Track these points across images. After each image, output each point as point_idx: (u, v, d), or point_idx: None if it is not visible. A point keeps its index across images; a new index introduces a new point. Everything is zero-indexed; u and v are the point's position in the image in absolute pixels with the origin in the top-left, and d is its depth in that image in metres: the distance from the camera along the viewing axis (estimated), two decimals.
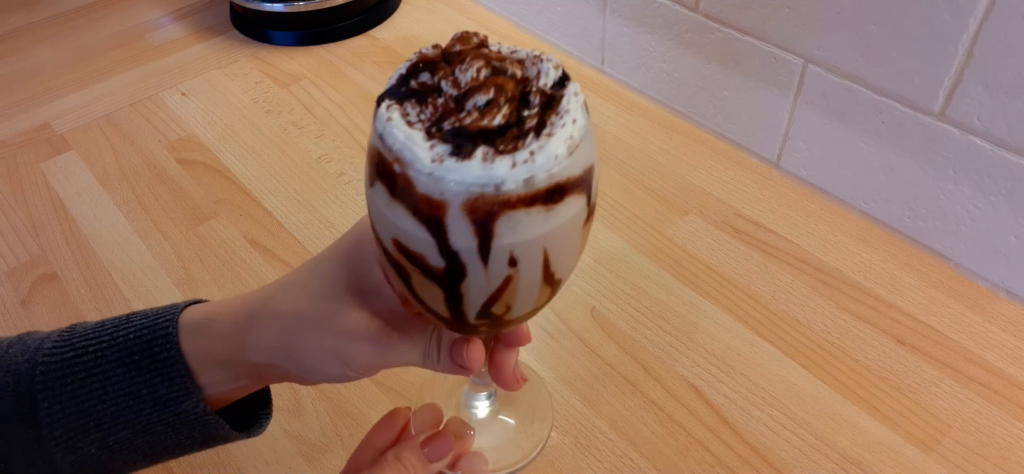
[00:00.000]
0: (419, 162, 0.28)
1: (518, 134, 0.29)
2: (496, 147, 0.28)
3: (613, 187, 0.68)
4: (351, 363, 0.35)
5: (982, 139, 0.53)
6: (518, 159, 0.28)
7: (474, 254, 0.29)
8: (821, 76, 0.61)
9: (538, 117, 0.29)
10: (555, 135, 0.29)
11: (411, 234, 0.29)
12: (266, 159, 0.72)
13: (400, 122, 0.29)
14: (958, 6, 0.50)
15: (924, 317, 0.56)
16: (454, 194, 0.28)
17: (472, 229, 0.28)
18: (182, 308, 0.37)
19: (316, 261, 0.37)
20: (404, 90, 0.30)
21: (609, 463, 0.48)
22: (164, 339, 0.36)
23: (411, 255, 0.30)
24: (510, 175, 0.28)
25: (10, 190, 0.70)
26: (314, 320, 0.35)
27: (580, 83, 0.32)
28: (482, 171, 0.28)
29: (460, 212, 0.28)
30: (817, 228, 0.63)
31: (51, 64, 0.87)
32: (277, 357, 0.36)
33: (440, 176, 0.28)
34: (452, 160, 0.28)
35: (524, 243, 0.30)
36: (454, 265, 0.30)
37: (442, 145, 0.28)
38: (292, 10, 0.86)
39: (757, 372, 0.53)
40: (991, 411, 0.50)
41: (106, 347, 0.36)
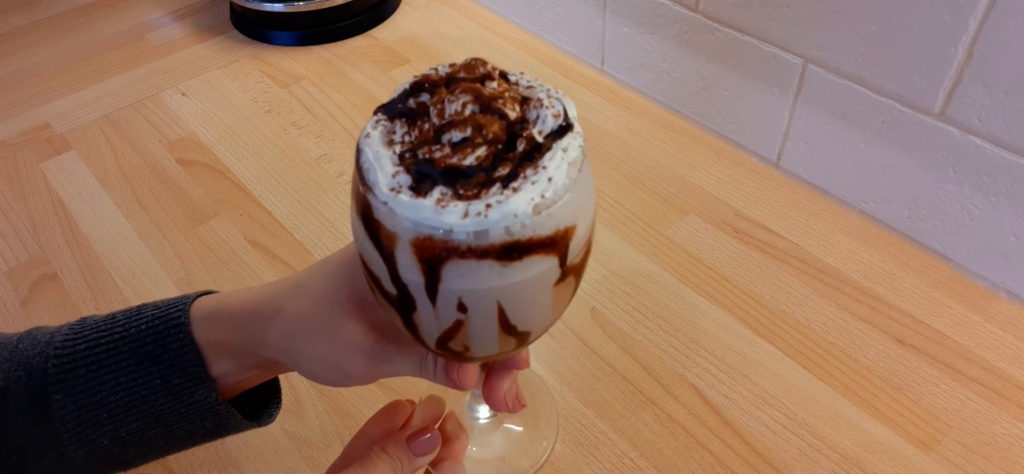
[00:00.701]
0: (378, 187, 0.27)
1: (484, 181, 0.27)
2: (456, 190, 0.27)
3: (613, 187, 0.68)
4: (346, 372, 0.35)
5: (982, 139, 0.53)
6: (471, 209, 0.26)
7: (421, 290, 0.29)
8: (821, 76, 0.61)
9: (512, 167, 0.27)
10: (522, 191, 0.27)
11: (370, 254, 0.30)
12: (266, 159, 0.72)
13: (377, 141, 0.29)
14: (958, 6, 0.50)
15: (924, 317, 0.56)
16: (404, 229, 0.27)
17: (419, 268, 0.28)
18: (193, 299, 0.38)
19: (324, 265, 0.37)
20: (401, 107, 0.30)
21: (609, 463, 0.48)
22: (177, 329, 0.36)
23: (371, 274, 0.31)
24: (459, 225, 0.26)
25: (10, 190, 0.70)
26: (314, 327, 0.35)
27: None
28: (432, 213, 0.26)
29: (409, 247, 0.27)
30: (817, 228, 0.63)
31: (51, 64, 0.87)
32: (282, 355, 0.36)
33: (392, 207, 0.27)
34: (408, 194, 0.27)
35: (473, 292, 0.28)
36: (404, 296, 0.29)
37: (405, 175, 0.27)
38: (292, 10, 0.86)
39: (757, 372, 0.53)
40: (991, 411, 0.50)
41: (118, 339, 0.36)
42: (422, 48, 0.87)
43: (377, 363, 0.35)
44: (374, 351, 0.35)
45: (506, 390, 0.39)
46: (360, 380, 0.36)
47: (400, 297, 0.30)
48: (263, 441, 0.50)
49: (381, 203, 0.27)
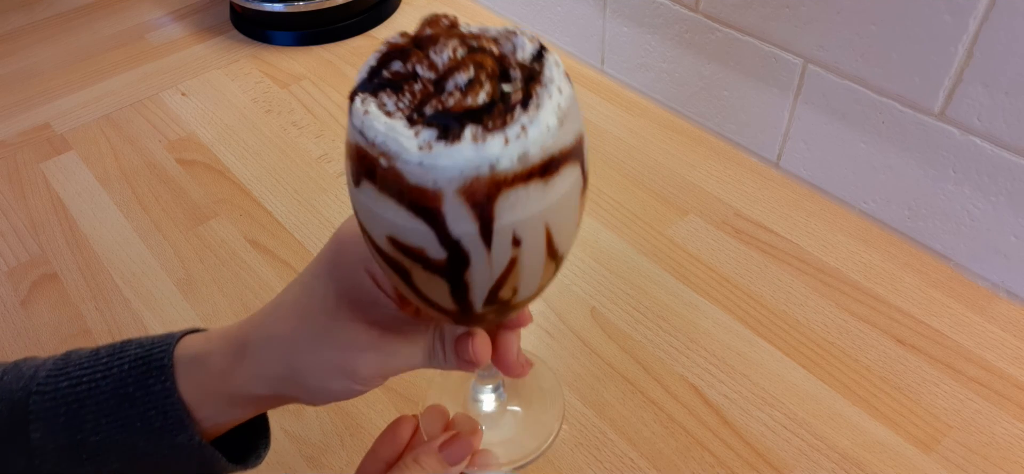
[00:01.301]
0: (406, 152, 0.26)
1: (505, 109, 0.27)
2: (485, 126, 0.27)
3: (613, 187, 0.68)
4: (355, 375, 0.34)
5: (982, 139, 0.53)
6: (510, 135, 0.27)
7: (476, 240, 0.28)
8: (821, 76, 0.61)
9: (523, 90, 0.28)
10: (544, 106, 0.28)
11: (407, 228, 0.28)
12: (266, 159, 0.72)
13: (378, 113, 0.28)
14: (958, 6, 0.50)
15: (924, 317, 0.56)
16: (448, 180, 0.27)
17: (471, 214, 0.27)
18: (178, 338, 0.36)
19: (300, 282, 0.36)
20: (377, 81, 0.29)
21: (609, 463, 0.48)
22: (159, 371, 0.35)
23: (409, 250, 0.29)
24: (504, 153, 0.26)
25: (10, 190, 0.70)
26: (312, 340, 0.34)
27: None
28: (474, 152, 0.26)
29: (456, 198, 0.27)
30: (817, 228, 0.63)
31: (51, 64, 0.87)
32: (280, 385, 0.35)
33: (430, 163, 0.26)
34: (441, 145, 0.26)
35: (525, 221, 0.28)
36: (456, 254, 0.28)
37: (428, 131, 0.27)
38: (292, 10, 0.86)
39: (757, 372, 0.53)
40: (991, 411, 0.50)
41: (100, 378, 0.35)
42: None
43: (386, 358, 0.34)
44: (381, 346, 0.34)
45: (517, 351, 0.39)
46: (371, 382, 0.35)
47: (451, 259, 0.29)
48: None
49: (416, 165, 0.26)
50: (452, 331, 0.36)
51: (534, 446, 0.47)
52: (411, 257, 0.29)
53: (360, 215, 0.31)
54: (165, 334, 0.37)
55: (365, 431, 0.50)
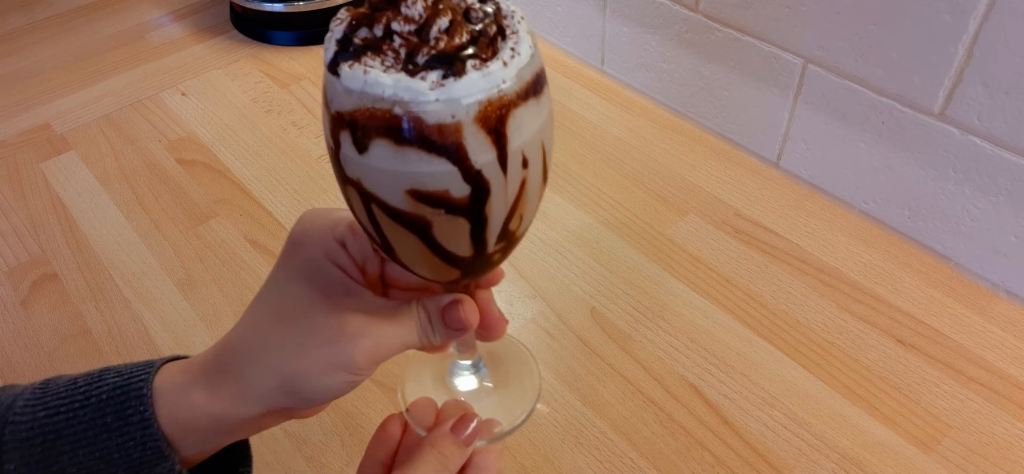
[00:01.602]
0: (422, 95, 0.28)
1: (488, 42, 0.29)
2: (480, 57, 0.29)
3: (613, 187, 0.68)
4: (352, 365, 0.34)
5: (982, 139, 0.53)
6: (505, 59, 0.29)
7: (495, 166, 0.30)
8: (821, 76, 0.61)
9: (495, 24, 0.30)
10: (519, 32, 0.30)
11: (430, 173, 0.29)
12: (266, 159, 0.72)
13: (379, 71, 0.29)
14: (958, 6, 0.50)
15: (924, 317, 0.56)
16: (466, 109, 0.28)
17: (489, 140, 0.29)
18: (159, 366, 0.36)
19: (270, 292, 0.35)
20: (352, 49, 0.30)
21: (609, 463, 0.48)
22: (137, 401, 0.34)
23: (433, 197, 0.30)
24: (506, 74, 0.29)
25: (10, 190, 0.70)
26: (301, 342, 0.34)
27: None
28: (483, 79, 0.28)
29: (475, 127, 0.29)
30: (817, 228, 0.63)
31: (51, 64, 0.87)
32: (273, 399, 0.34)
33: (448, 97, 0.28)
34: (450, 80, 0.28)
35: (529, 140, 0.31)
36: (479, 187, 0.30)
37: (433, 72, 0.28)
38: (292, 10, 0.86)
39: (757, 372, 0.53)
40: (991, 411, 0.50)
41: (78, 407, 0.34)
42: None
43: (378, 342, 0.34)
44: (370, 331, 0.34)
45: (497, 309, 0.39)
46: (366, 369, 0.35)
47: (474, 194, 0.30)
48: (263, 441, 0.50)
49: (432, 102, 0.28)
50: (436, 304, 0.36)
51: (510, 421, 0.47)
52: (434, 204, 0.30)
53: (369, 183, 0.31)
54: (145, 362, 0.36)
55: (364, 430, 0.50)
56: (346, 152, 0.30)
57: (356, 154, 0.30)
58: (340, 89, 0.29)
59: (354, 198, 0.32)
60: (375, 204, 0.31)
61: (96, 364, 0.55)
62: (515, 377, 0.49)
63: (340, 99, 0.29)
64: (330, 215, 0.37)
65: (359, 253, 0.37)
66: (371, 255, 0.37)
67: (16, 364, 0.55)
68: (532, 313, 0.57)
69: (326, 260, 0.35)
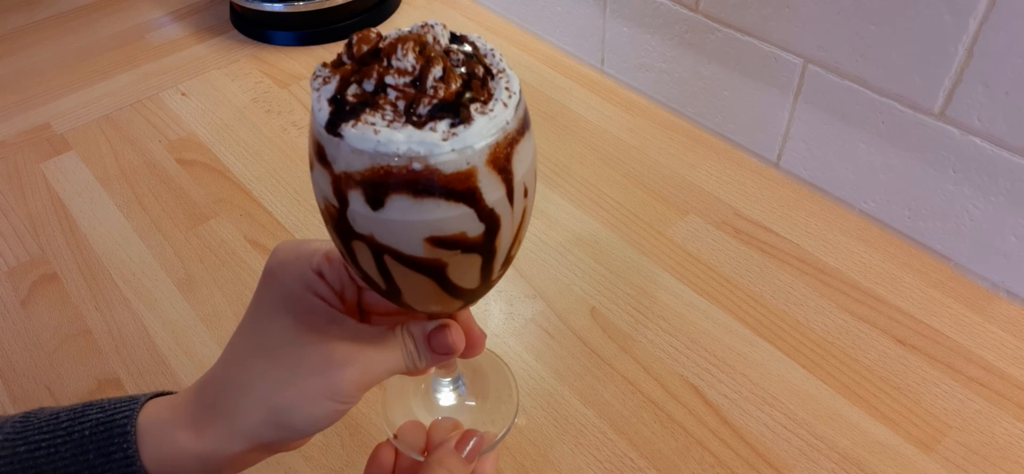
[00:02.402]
0: (437, 147, 0.28)
1: (482, 85, 0.30)
2: (480, 100, 0.30)
3: (613, 187, 0.68)
4: (339, 394, 0.33)
5: (982, 139, 0.53)
6: (504, 99, 0.30)
7: (504, 202, 0.31)
8: (821, 76, 0.61)
9: (479, 64, 0.31)
10: (505, 69, 0.31)
11: (449, 218, 0.30)
12: (266, 159, 0.72)
13: (387, 129, 0.29)
14: (958, 6, 0.50)
15: (924, 317, 0.56)
16: (479, 154, 0.29)
17: (499, 179, 0.30)
18: (142, 402, 0.35)
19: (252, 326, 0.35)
20: (349, 108, 0.30)
21: (609, 463, 0.48)
22: (121, 438, 0.33)
23: (450, 241, 0.31)
24: (507, 114, 0.30)
25: (10, 190, 0.70)
26: (288, 373, 0.33)
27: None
28: (490, 122, 0.29)
29: (487, 169, 0.29)
30: (817, 228, 0.63)
31: (51, 64, 0.87)
32: (262, 432, 0.34)
33: (462, 145, 0.28)
34: (461, 128, 0.28)
35: (527, 171, 0.32)
36: (492, 223, 0.31)
37: (440, 122, 0.28)
38: (292, 10, 0.86)
39: (757, 372, 0.53)
40: (991, 411, 0.50)
41: (60, 443, 0.34)
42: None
43: (365, 369, 0.34)
44: (356, 358, 0.34)
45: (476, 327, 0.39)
46: (353, 397, 0.34)
47: (487, 231, 0.31)
48: None
49: (448, 153, 0.28)
50: (421, 329, 0.36)
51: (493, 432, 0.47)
52: (451, 246, 0.31)
53: (384, 236, 0.30)
54: (129, 397, 0.36)
55: (364, 431, 0.50)
56: (356, 209, 0.30)
57: (369, 211, 0.30)
58: (347, 150, 0.29)
59: (362, 252, 0.32)
60: (388, 255, 0.31)
61: (96, 364, 0.55)
62: (494, 390, 0.50)
63: (347, 159, 0.29)
64: (305, 246, 0.37)
65: (336, 281, 0.36)
66: (348, 283, 0.37)
67: (16, 364, 0.55)
68: (532, 313, 0.57)
69: (304, 290, 0.35)
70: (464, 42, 0.33)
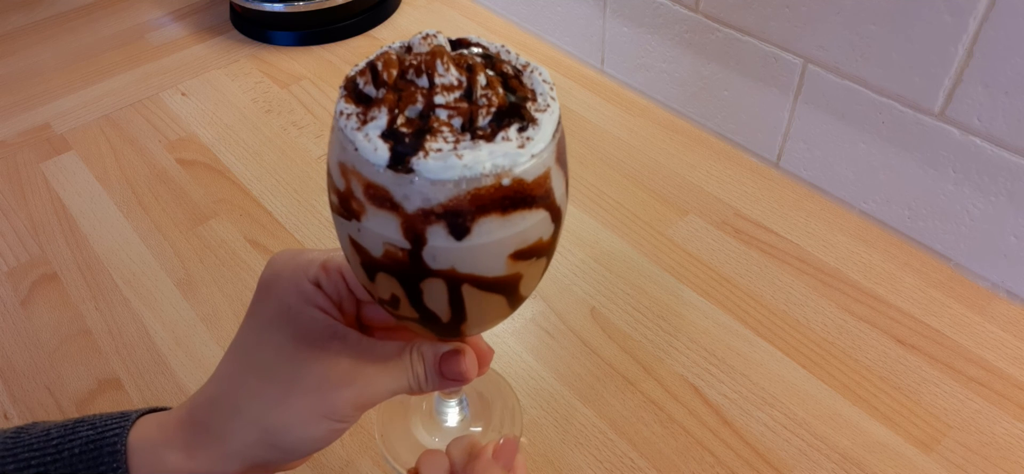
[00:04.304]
0: (520, 156, 0.27)
1: (519, 82, 0.30)
2: (529, 98, 0.29)
3: (613, 187, 0.68)
4: (334, 414, 0.32)
5: (982, 139, 0.53)
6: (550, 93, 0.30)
7: (564, 196, 0.31)
8: (821, 76, 0.61)
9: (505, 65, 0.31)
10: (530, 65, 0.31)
11: (531, 227, 0.29)
12: (266, 159, 0.72)
13: (467, 149, 0.27)
14: (958, 6, 0.50)
15: (924, 317, 0.56)
16: (549, 154, 0.29)
17: (562, 174, 0.30)
18: (134, 419, 0.34)
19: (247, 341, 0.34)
20: (408, 140, 0.27)
21: (609, 463, 0.48)
22: (111, 457, 0.33)
23: (530, 250, 0.30)
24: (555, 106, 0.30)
25: (10, 190, 0.70)
26: (283, 393, 0.32)
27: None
28: (550, 118, 0.29)
29: (556, 166, 0.29)
30: (817, 228, 0.63)
31: (51, 64, 0.87)
32: (255, 453, 0.33)
33: (538, 149, 0.28)
34: (530, 130, 0.28)
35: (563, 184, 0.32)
36: (558, 220, 0.31)
37: (509, 130, 0.28)
38: (292, 10, 0.86)
39: (757, 372, 0.53)
40: (991, 411, 0.50)
41: (50, 461, 0.33)
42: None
43: (363, 389, 0.33)
44: (354, 378, 0.32)
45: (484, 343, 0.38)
46: (351, 418, 0.33)
47: (556, 228, 0.31)
48: None
49: (529, 158, 0.28)
50: (433, 352, 0.34)
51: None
52: (529, 256, 0.30)
53: (468, 265, 0.29)
54: (120, 414, 0.35)
55: (364, 430, 0.50)
56: (437, 245, 0.28)
57: (453, 242, 0.28)
58: (423, 184, 0.26)
59: (434, 288, 0.30)
60: (468, 283, 0.29)
61: (96, 364, 0.55)
62: (497, 411, 0.49)
63: (424, 193, 0.27)
64: (301, 256, 0.35)
65: (334, 293, 0.35)
66: (346, 295, 0.35)
67: (16, 364, 0.55)
68: (532, 313, 0.57)
69: (302, 303, 0.33)
70: (467, 45, 0.32)
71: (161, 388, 0.53)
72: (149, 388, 0.53)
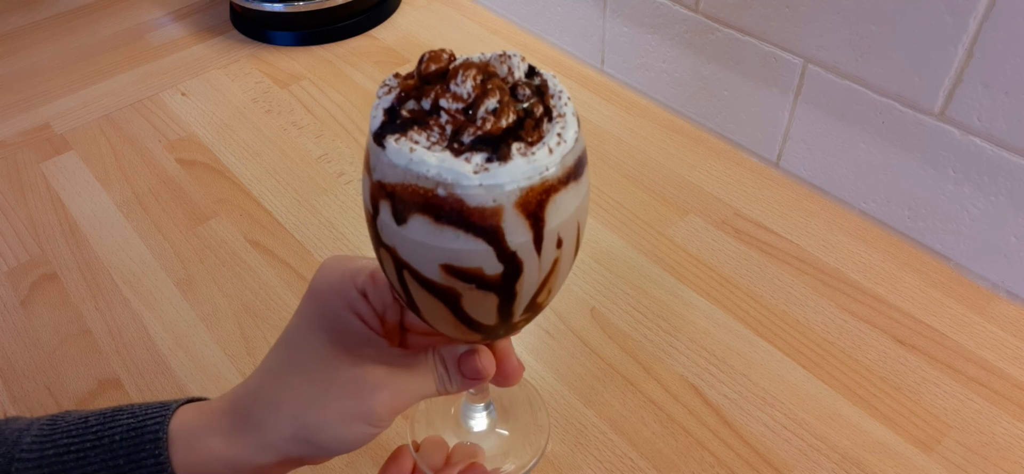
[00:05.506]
0: (465, 178, 0.28)
1: (535, 124, 0.30)
2: (525, 141, 0.29)
3: (613, 187, 0.68)
4: (372, 417, 0.34)
5: (982, 139, 0.53)
6: (551, 144, 0.29)
7: (530, 248, 0.30)
8: (821, 76, 0.61)
9: (541, 104, 0.30)
10: (566, 115, 0.30)
11: (466, 251, 0.29)
12: (266, 159, 0.72)
13: (424, 150, 0.29)
14: (958, 6, 0.50)
15: (924, 317, 0.56)
16: (508, 194, 0.28)
17: (527, 224, 0.29)
18: (174, 409, 0.35)
19: (290, 341, 0.35)
20: (399, 122, 0.30)
21: (609, 463, 0.48)
22: (152, 443, 0.33)
23: (466, 273, 0.30)
24: (550, 161, 0.29)
25: (10, 190, 0.70)
26: (321, 394, 0.33)
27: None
28: (528, 164, 0.28)
29: (514, 211, 0.29)
30: (817, 228, 0.63)
31: (51, 64, 0.87)
32: (291, 448, 0.34)
33: (490, 183, 0.28)
34: (495, 165, 0.28)
35: (566, 222, 0.31)
36: (512, 266, 0.30)
37: (478, 154, 0.28)
38: (292, 10, 0.86)
39: (757, 372, 0.53)
40: (991, 411, 0.50)
41: (90, 448, 0.33)
42: (422, 48, 0.86)
43: (397, 393, 0.34)
44: (389, 382, 0.34)
45: (515, 356, 0.39)
46: (385, 421, 0.34)
47: (506, 272, 0.30)
48: None
49: (476, 187, 0.28)
50: (452, 352, 0.36)
51: (519, 464, 0.47)
52: (466, 279, 0.30)
53: (404, 252, 0.31)
54: (161, 403, 0.36)
55: None
56: (383, 219, 0.30)
57: (394, 224, 0.30)
58: (384, 160, 0.29)
59: (387, 261, 0.32)
60: (407, 271, 0.31)
61: (96, 364, 0.55)
62: (525, 421, 0.50)
63: (383, 169, 0.29)
64: (352, 263, 0.37)
65: (379, 302, 0.36)
66: (391, 304, 0.37)
67: (16, 364, 0.55)
68: None
69: (346, 310, 0.35)
70: (537, 76, 0.32)
71: (161, 388, 0.53)
72: (149, 388, 0.53)
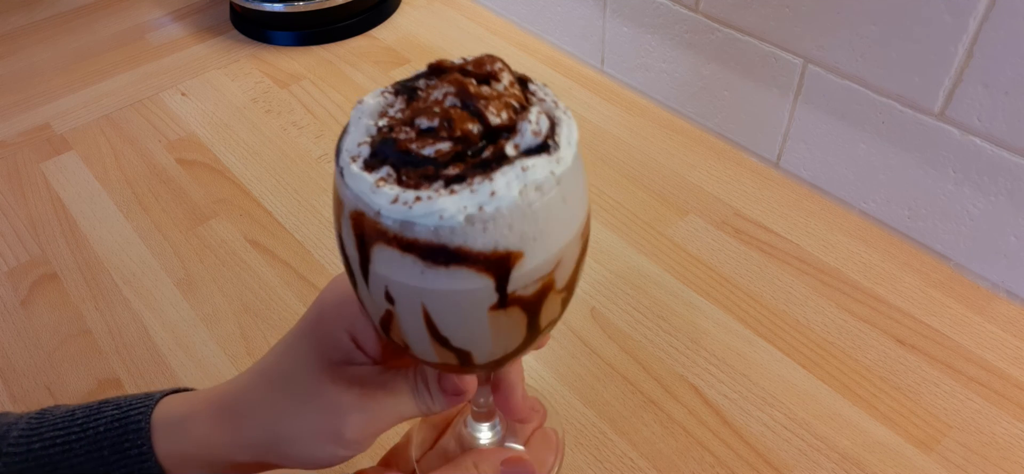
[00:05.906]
0: (342, 154, 0.29)
1: (431, 174, 0.27)
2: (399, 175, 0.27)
3: (613, 187, 0.68)
4: (341, 439, 0.33)
5: (982, 139, 0.53)
6: (401, 197, 0.26)
7: (358, 265, 0.30)
8: (821, 76, 0.61)
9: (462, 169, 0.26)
10: (459, 195, 0.26)
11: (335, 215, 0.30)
12: (266, 159, 0.72)
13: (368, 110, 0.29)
14: (958, 6, 0.50)
15: (924, 317, 0.56)
16: (347, 199, 0.28)
17: (354, 241, 0.29)
18: (157, 399, 0.35)
19: (284, 344, 0.35)
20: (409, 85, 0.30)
21: (609, 463, 0.48)
22: (136, 434, 0.34)
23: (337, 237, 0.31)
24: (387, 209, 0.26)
25: (10, 190, 0.70)
26: (296, 406, 0.33)
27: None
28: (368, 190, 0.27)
29: (348, 219, 0.29)
30: (817, 228, 0.63)
31: (51, 64, 0.87)
32: (263, 453, 0.34)
33: (343, 177, 0.28)
34: (359, 166, 0.28)
35: (398, 284, 0.28)
36: (348, 267, 0.31)
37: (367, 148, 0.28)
38: (292, 10, 0.86)
39: (757, 372, 0.53)
40: (991, 411, 0.50)
41: (75, 440, 0.34)
42: (422, 48, 0.87)
43: (373, 416, 0.33)
44: (365, 405, 0.33)
45: (522, 391, 0.38)
46: (358, 444, 0.34)
47: (347, 265, 0.30)
48: None
49: (339, 168, 0.28)
50: (432, 369, 0.35)
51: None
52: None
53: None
54: (145, 395, 0.36)
55: None
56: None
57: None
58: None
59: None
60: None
61: (96, 364, 0.55)
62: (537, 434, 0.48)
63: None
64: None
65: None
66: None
67: (16, 364, 0.55)
68: None
69: (342, 330, 0.34)
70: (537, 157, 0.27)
71: (161, 388, 0.53)
72: (149, 388, 0.53)
